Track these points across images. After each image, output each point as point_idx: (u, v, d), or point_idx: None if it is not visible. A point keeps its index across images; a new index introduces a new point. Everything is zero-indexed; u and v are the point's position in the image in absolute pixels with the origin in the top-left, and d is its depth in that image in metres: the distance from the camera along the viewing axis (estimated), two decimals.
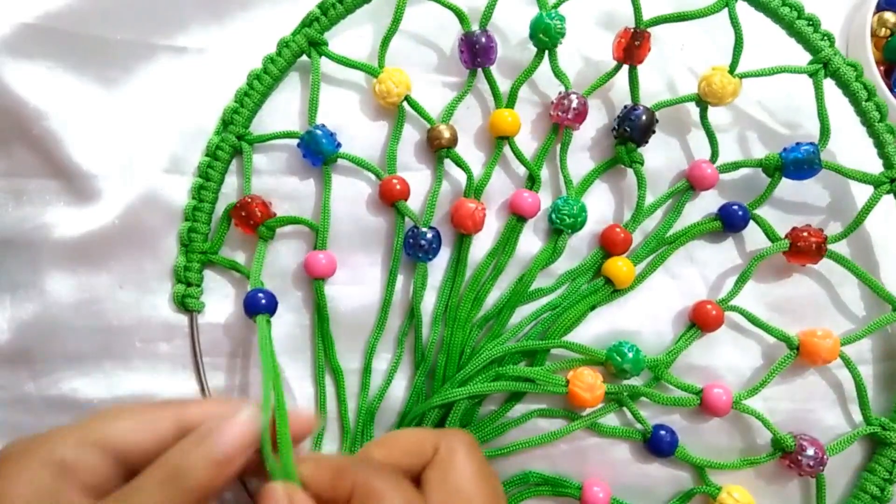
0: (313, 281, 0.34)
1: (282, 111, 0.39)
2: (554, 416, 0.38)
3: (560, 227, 0.38)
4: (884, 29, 0.42)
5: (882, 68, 0.41)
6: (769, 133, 0.41)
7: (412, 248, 0.37)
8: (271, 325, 0.35)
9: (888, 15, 0.43)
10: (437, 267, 0.38)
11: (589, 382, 0.36)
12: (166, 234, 0.37)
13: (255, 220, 0.36)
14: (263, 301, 0.35)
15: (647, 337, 0.39)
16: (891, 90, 0.40)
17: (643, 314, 0.39)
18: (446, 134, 0.37)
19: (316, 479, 0.26)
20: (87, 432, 0.26)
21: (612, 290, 0.38)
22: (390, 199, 0.37)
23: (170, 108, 0.37)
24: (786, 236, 0.38)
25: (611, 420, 0.38)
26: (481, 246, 0.38)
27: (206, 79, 0.38)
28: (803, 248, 0.38)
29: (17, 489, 0.24)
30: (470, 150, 0.39)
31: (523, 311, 0.38)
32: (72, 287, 0.36)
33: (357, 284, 0.38)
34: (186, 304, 0.36)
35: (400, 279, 0.38)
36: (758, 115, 0.41)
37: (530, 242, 0.39)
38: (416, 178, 0.38)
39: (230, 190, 0.38)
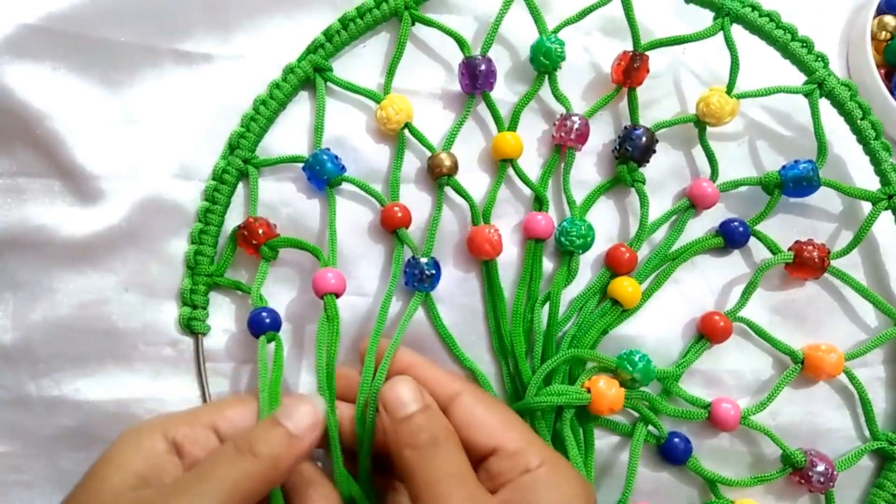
0: (324, 296, 0.34)
1: (290, 128, 0.39)
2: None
3: (571, 249, 0.38)
4: (884, 32, 0.42)
5: (883, 71, 0.41)
6: (774, 141, 0.41)
7: (410, 278, 0.37)
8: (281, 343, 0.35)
9: (888, 18, 0.42)
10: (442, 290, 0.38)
11: (602, 388, 0.35)
12: (173, 237, 0.37)
13: (257, 240, 0.36)
14: (268, 320, 0.35)
15: (650, 343, 0.38)
16: (891, 93, 0.40)
17: (648, 322, 0.39)
18: (447, 162, 0.37)
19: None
20: (199, 415, 0.30)
21: (621, 310, 0.38)
22: (391, 226, 0.37)
23: (174, 112, 0.37)
24: (789, 249, 0.39)
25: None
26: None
27: (210, 85, 0.38)
28: (807, 262, 0.38)
29: (134, 456, 0.28)
30: (474, 171, 0.39)
31: None
32: (77, 287, 0.35)
33: (362, 296, 0.38)
34: (192, 326, 0.36)
35: (400, 304, 0.37)
36: (760, 120, 0.41)
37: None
38: (426, 198, 0.38)
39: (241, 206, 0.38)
